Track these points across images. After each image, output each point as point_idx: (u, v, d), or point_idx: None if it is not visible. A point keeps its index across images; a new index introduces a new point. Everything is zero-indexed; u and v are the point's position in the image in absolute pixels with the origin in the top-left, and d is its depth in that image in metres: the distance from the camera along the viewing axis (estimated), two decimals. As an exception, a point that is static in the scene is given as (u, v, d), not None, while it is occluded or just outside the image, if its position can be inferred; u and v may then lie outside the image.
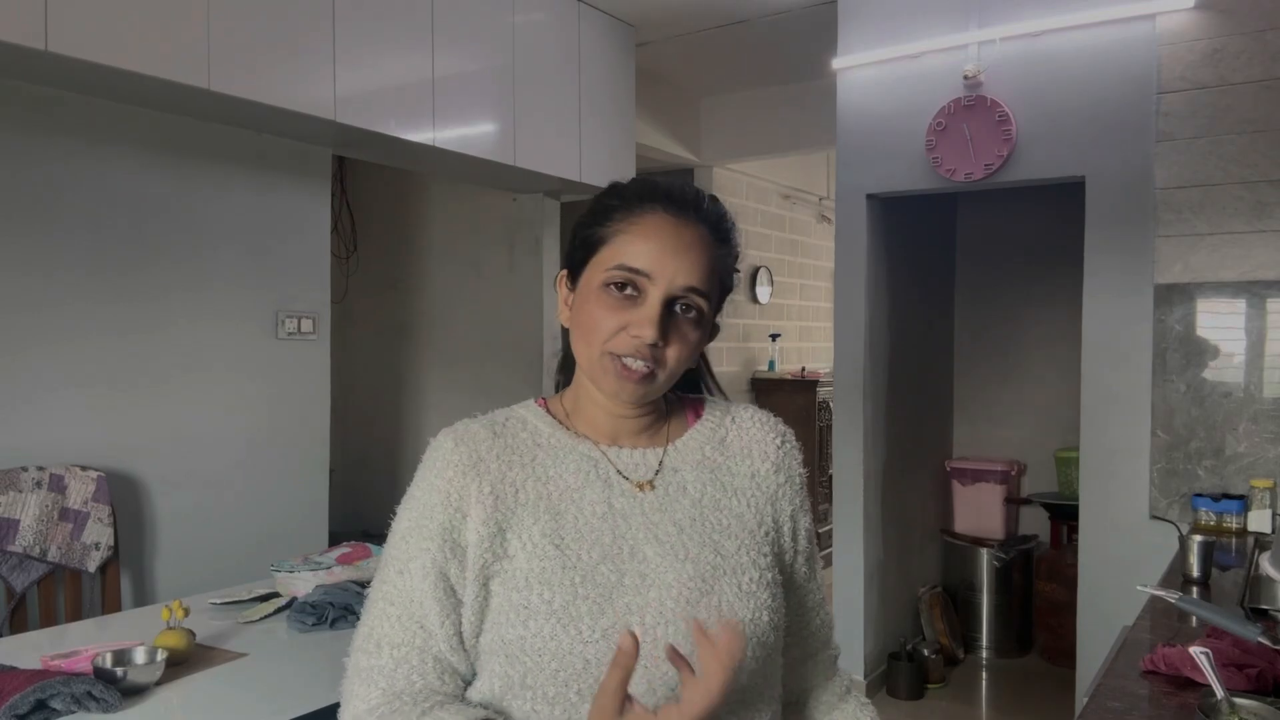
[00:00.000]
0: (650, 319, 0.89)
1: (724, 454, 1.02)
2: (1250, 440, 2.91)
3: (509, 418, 0.98)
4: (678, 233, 0.92)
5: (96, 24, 2.23)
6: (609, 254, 0.92)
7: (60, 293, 2.62)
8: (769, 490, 1.02)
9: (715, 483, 0.99)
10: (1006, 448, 4.51)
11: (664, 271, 0.90)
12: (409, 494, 0.94)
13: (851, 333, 3.68)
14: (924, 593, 4.13)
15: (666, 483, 0.97)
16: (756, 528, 0.99)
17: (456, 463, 0.92)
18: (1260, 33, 2.88)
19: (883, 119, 3.53)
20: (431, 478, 0.92)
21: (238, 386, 3.08)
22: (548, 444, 0.96)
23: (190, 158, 2.93)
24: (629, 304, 0.90)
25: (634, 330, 0.89)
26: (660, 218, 0.92)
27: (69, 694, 1.42)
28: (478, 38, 3.36)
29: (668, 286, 0.90)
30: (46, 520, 2.47)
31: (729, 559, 0.94)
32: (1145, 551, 2.97)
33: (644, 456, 0.98)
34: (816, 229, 6.61)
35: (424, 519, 0.91)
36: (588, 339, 0.92)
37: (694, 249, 0.92)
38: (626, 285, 0.90)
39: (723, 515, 0.97)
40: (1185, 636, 1.70)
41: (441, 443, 0.95)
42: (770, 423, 1.07)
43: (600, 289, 0.92)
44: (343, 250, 4.73)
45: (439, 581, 0.89)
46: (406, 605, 0.89)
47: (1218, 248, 2.95)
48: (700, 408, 1.06)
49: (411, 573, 0.89)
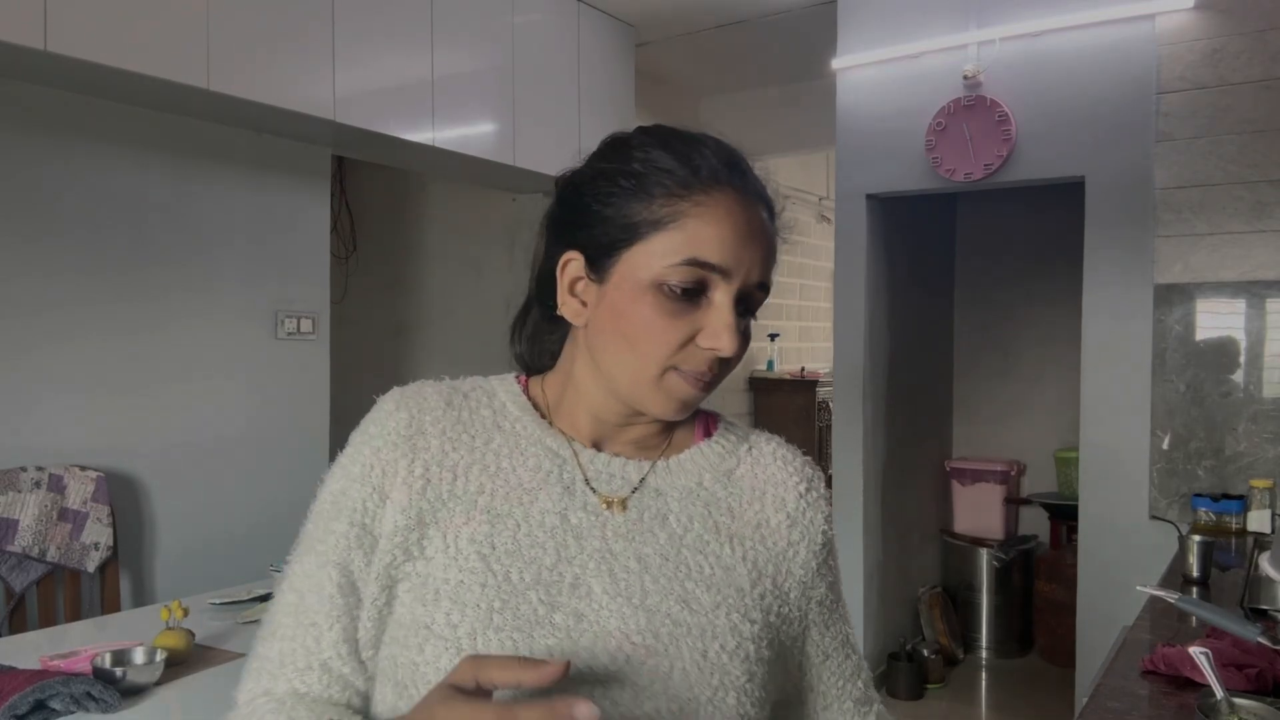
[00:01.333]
0: (730, 326, 0.72)
1: (728, 490, 0.82)
2: (1250, 440, 2.91)
3: (475, 387, 0.81)
4: (749, 215, 0.74)
5: (96, 24, 2.23)
6: (670, 242, 0.72)
7: (59, 293, 2.62)
8: (776, 547, 0.81)
9: (707, 521, 0.79)
10: (1006, 448, 4.51)
11: (740, 265, 0.72)
12: (338, 459, 0.79)
13: (851, 333, 3.68)
14: (924, 593, 4.13)
15: (643, 505, 0.78)
16: (749, 587, 0.78)
17: (392, 430, 0.75)
18: (1260, 33, 2.87)
19: (882, 119, 3.53)
20: (360, 444, 0.77)
21: (237, 387, 3.08)
22: (510, 429, 0.79)
23: (190, 157, 2.92)
24: (690, 306, 0.72)
25: (707, 341, 0.72)
26: (731, 197, 0.73)
27: (68, 694, 1.42)
28: (477, 37, 3.36)
29: (744, 283, 0.73)
30: (46, 520, 2.46)
31: (699, 616, 0.74)
32: (1145, 551, 2.97)
33: (624, 468, 0.79)
34: (816, 229, 6.60)
35: (341, 494, 0.76)
36: (638, 350, 0.73)
37: (764, 234, 0.75)
38: (700, 288, 0.72)
39: (706, 561, 0.77)
40: (1185, 636, 1.69)
41: (384, 403, 0.78)
42: (795, 463, 0.86)
43: (654, 288, 0.72)
44: (342, 250, 4.73)
45: (338, 574, 0.73)
46: (302, 595, 0.74)
47: (1217, 248, 2.95)
48: (714, 425, 0.87)
49: (318, 555, 0.74)
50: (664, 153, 0.74)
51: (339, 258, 4.64)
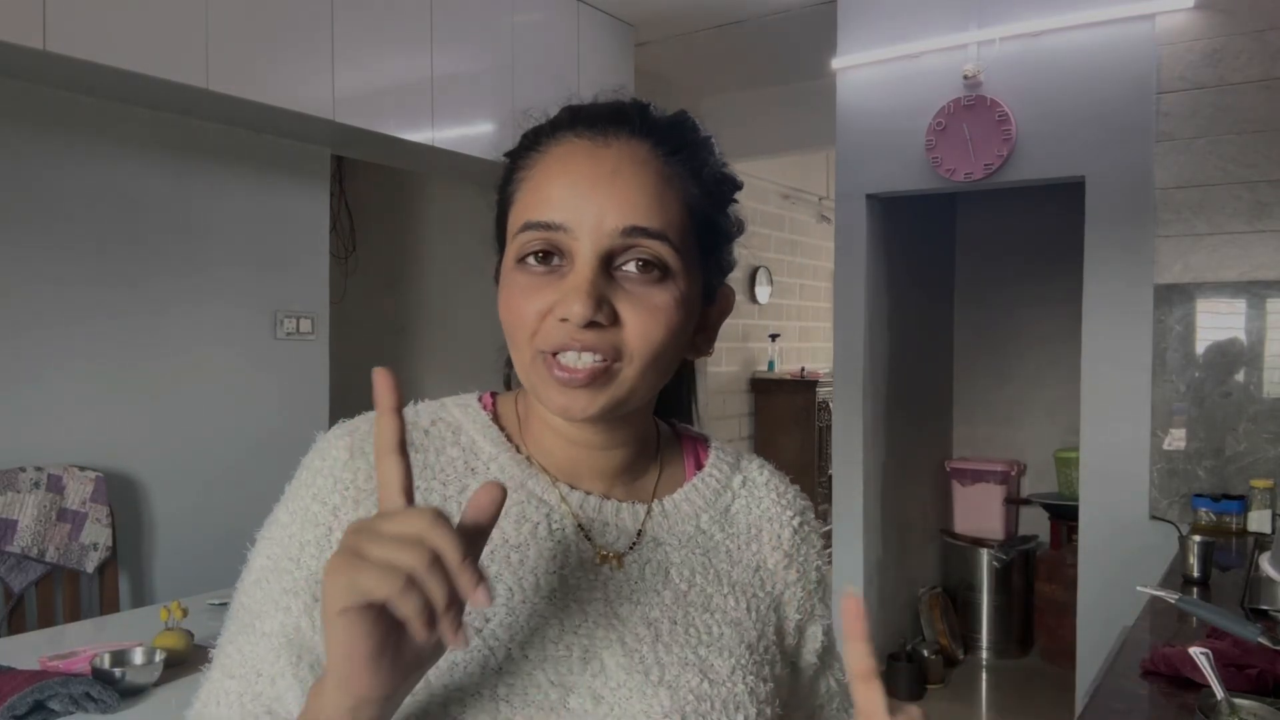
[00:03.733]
0: (577, 288, 0.60)
1: (725, 531, 0.73)
2: (1250, 440, 2.91)
3: (435, 420, 0.69)
4: (595, 158, 0.63)
5: (95, 23, 2.23)
6: (515, 215, 0.65)
7: (57, 292, 2.61)
8: (774, 590, 0.74)
9: (708, 571, 0.70)
10: (1006, 448, 4.51)
11: (584, 216, 0.61)
12: (274, 515, 0.66)
13: (851, 333, 3.68)
14: (924, 593, 4.13)
15: (644, 560, 0.68)
16: (756, 641, 0.70)
17: (350, 484, 0.63)
18: (1260, 33, 2.87)
19: (882, 119, 3.53)
20: (307, 499, 0.64)
21: (236, 387, 3.08)
22: (485, 471, 0.67)
23: (189, 157, 2.92)
24: (556, 279, 0.62)
25: (560, 310, 0.60)
26: (570, 145, 0.64)
27: (67, 695, 1.42)
28: (477, 37, 3.36)
29: (595, 235, 0.61)
30: (45, 521, 2.46)
31: (720, 687, 0.65)
32: (1145, 552, 2.96)
33: (618, 515, 0.69)
34: (816, 229, 6.61)
35: (289, 559, 0.62)
36: (514, 339, 0.64)
37: (625, 172, 0.62)
38: (550, 254, 0.62)
39: (714, 620, 0.68)
40: (1185, 637, 1.69)
41: (330, 446, 0.65)
42: (788, 495, 0.78)
43: (516, 268, 0.63)
44: (341, 250, 4.72)
45: (301, 655, 0.60)
46: (250, 681, 0.60)
47: (1217, 248, 2.95)
48: (703, 451, 0.77)
49: (263, 637, 0.61)
50: (534, 127, 0.69)
51: (338, 258, 4.63)
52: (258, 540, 0.66)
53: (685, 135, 0.67)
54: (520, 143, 0.69)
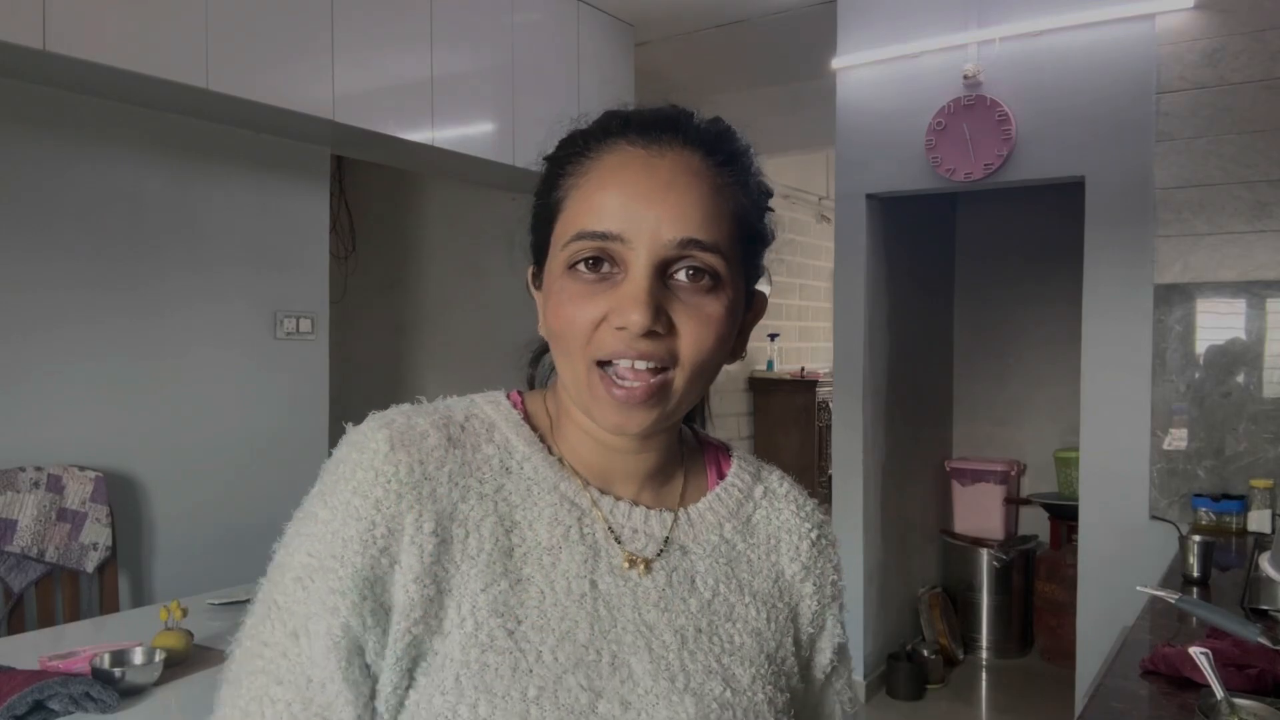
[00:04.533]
0: (635, 296, 0.60)
1: (747, 541, 0.73)
2: (1250, 440, 2.91)
3: (470, 416, 0.69)
4: (651, 168, 0.63)
5: (95, 23, 2.23)
6: (566, 221, 0.65)
7: (58, 292, 2.61)
8: (792, 600, 0.74)
9: (730, 580, 0.71)
10: (1006, 448, 4.51)
11: (641, 226, 0.61)
12: (309, 510, 0.64)
13: (851, 333, 3.68)
14: (924, 593, 4.13)
15: (671, 567, 0.69)
16: (775, 651, 0.71)
17: (391, 477, 0.62)
18: (1260, 33, 2.87)
19: (882, 119, 3.53)
20: (347, 494, 0.62)
21: (236, 387, 3.08)
22: (519, 470, 0.67)
23: (189, 157, 2.92)
24: (606, 285, 0.62)
25: (617, 319, 0.61)
26: (624, 154, 0.64)
27: (67, 694, 1.42)
28: (476, 37, 3.36)
29: (651, 246, 0.61)
30: (44, 520, 2.46)
31: (741, 696, 0.66)
32: (1145, 552, 2.96)
33: (646, 521, 0.69)
34: (816, 229, 6.60)
35: (333, 558, 0.60)
36: (565, 347, 0.64)
37: (680, 184, 0.63)
38: (600, 261, 0.62)
39: (736, 630, 0.69)
40: (1185, 637, 1.69)
41: (369, 439, 0.64)
42: (807, 508, 0.78)
43: (565, 275, 0.64)
44: (341, 250, 4.72)
45: (352, 658, 0.60)
46: (301, 687, 0.59)
47: (1217, 248, 2.95)
48: (725, 460, 0.77)
49: (311, 639, 0.59)
50: (577, 131, 0.68)
51: (338, 257, 4.63)
52: (290, 536, 0.64)
53: (732, 145, 0.68)
54: (562, 147, 0.68)
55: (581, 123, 0.69)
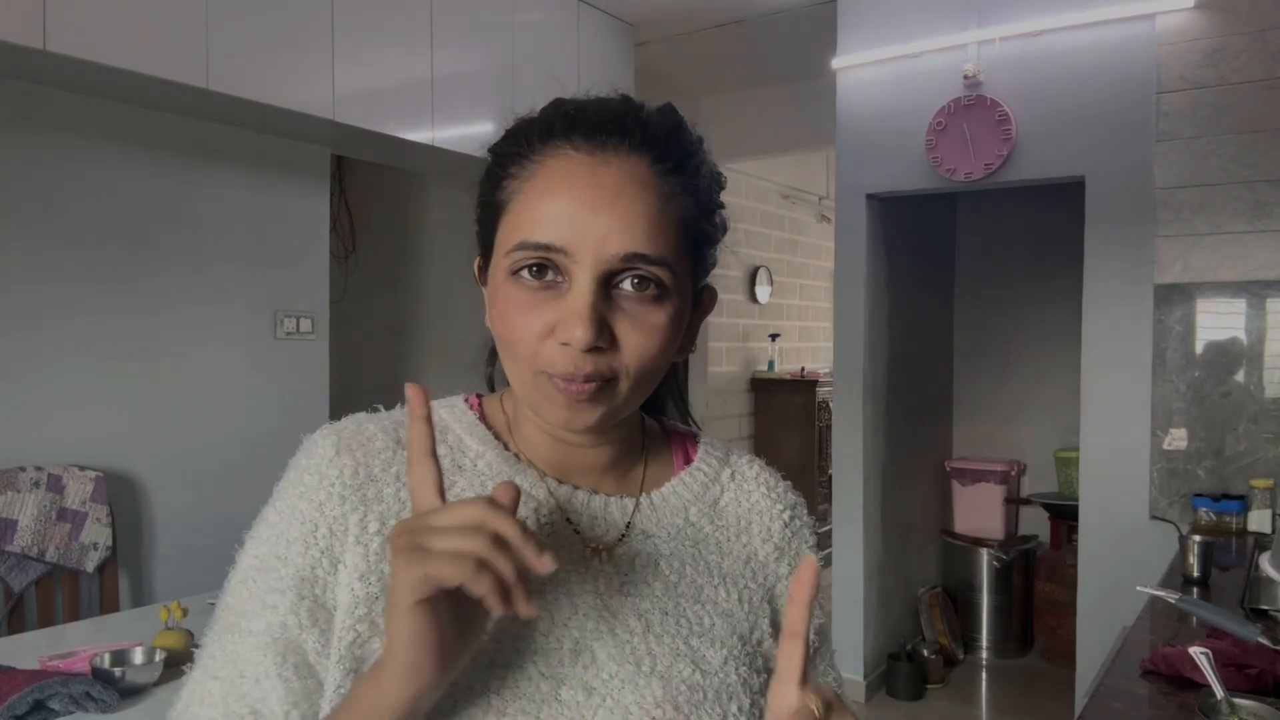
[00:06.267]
0: (579, 313, 0.60)
1: (714, 523, 0.74)
2: (1250, 440, 2.91)
3: None
4: (595, 177, 0.61)
5: (95, 23, 2.23)
6: (508, 226, 0.63)
7: (58, 292, 2.61)
8: (767, 582, 0.74)
9: (698, 563, 0.71)
10: (1006, 448, 4.51)
11: (585, 239, 0.60)
12: (262, 515, 0.66)
13: (851, 333, 3.68)
14: (924, 593, 4.13)
15: (633, 551, 0.69)
16: (749, 633, 0.71)
17: (335, 479, 0.64)
18: (1260, 33, 2.87)
19: (882, 119, 3.53)
20: (293, 498, 0.65)
21: (236, 387, 3.08)
22: (472, 468, 0.68)
23: (189, 157, 2.92)
24: (551, 295, 0.62)
25: (561, 334, 0.61)
26: (568, 160, 0.62)
27: (67, 694, 1.42)
28: (477, 37, 3.36)
29: (595, 260, 0.60)
30: (44, 520, 2.46)
31: (712, 677, 0.66)
32: (1145, 551, 2.97)
33: (605, 509, 0.70)
34: (816, 229, 6.61)
35: (276, 558, 0.63)
36: (512, 355, 0.64)
37: (626, 195, 0.61)
38: (545, 268, 0.61)
39: (705, 611, 0.69)
40: (1185, 637, 1.69)
41: (316, 446, 0.67)
42: (779, 489, 0.79)
43: (510, 281, 0.63)
44: (341, 250, 4.72)
45: (286, 655, 0.60)
46: (234, 682, 0.60)
47: (1217, 248, 2.95)
48: (692, 447, 0.78)
49: (248, 636, 0.61)
50: (522, 123, 0.66)
51: (338, 257, 4.63)
52: (246, 541, 0.66)
53: (681, 144, 0.66)
54: (507, 141, 0.66)
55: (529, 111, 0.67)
